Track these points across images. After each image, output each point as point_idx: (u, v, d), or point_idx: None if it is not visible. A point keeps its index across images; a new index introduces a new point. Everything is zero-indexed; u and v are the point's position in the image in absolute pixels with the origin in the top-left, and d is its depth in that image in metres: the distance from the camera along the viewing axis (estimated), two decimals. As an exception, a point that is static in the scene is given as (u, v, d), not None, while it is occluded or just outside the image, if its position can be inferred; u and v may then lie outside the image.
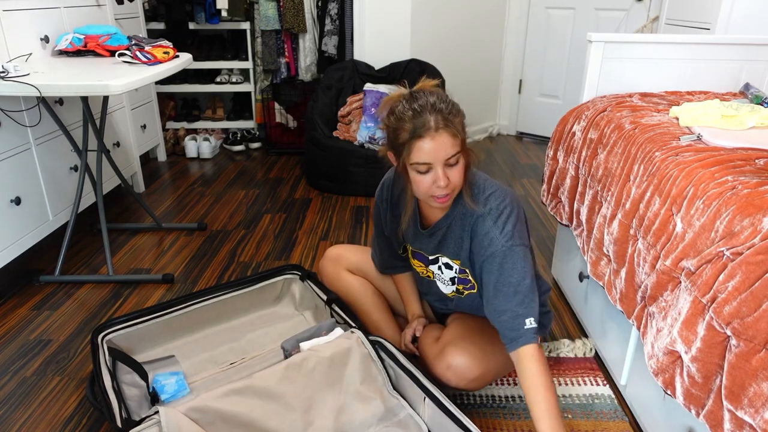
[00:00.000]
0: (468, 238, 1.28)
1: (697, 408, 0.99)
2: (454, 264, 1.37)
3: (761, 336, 0.86)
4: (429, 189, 1.19)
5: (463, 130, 1.18)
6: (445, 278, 1.42)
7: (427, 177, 1.17)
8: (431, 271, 1.45)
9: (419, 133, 1.13)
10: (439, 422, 1.25)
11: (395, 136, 1.18)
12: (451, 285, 1.41)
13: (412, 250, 1.47)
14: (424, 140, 1.13)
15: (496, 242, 1.22)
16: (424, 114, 1.14)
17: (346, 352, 1.40)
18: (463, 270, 1.36)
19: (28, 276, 2.10)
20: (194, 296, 1.70)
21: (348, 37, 3.47)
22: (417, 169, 1.17)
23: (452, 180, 1.18)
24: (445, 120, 1.14)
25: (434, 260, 1.41)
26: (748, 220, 0.95)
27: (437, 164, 1.15)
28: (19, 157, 1.98)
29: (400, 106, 1.17)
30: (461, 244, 1.31)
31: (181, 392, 1.44)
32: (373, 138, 2.93)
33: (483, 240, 1.24)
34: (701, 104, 1.52)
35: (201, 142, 3.61)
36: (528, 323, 1.18)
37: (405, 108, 1.16)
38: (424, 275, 1.48)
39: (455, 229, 1.32)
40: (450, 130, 1.14)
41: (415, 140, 1.14)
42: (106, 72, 1.84)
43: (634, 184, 1.34)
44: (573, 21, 3.63)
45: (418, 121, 1.14)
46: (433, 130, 1.13)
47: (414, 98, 1.17)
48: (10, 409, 1.47)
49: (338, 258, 1.67)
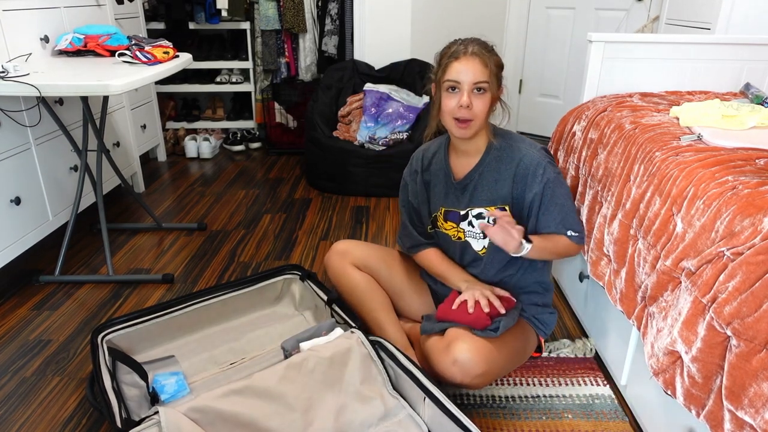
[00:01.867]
0: (510, 177, 1.43)
1: (698, 408, 0.99)
2: (487, 212, 1.47)
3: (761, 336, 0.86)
4: (453, 110, 1.34)
5: (498, 69, 1.36)
6: (477, 231, 1.50)
7: (454, 97, 1.34)
8: (462, 231, 1.51)
9: (456, 54, 1.33)
10: (439, 422, 1.25)
11: (438, 65, 1.37)
12: (483, 239, 1.49)
13: (444, 210, 1.52)
14: (459, 60, 1.32)
15: (548, 171, 1.40)
16: (465, 43, 1.35)
17: (346, 352, 1.40)
18: (502, 209, 1.46)
19: (28, 276, 2.10)
20: (194, 296, 1.70)
21: (348, 37, 3.47)
22: (447, 85, 1.33)
23: (475, 107, 1.33)
24: (481, 50, 1.33)
25: (465, 215, 1.49)
26: (748, 220, 0.95)
27: (465, 85, 1.31)
28: (19, 157, 1.98)
29: (448, 44, 1.38)
30: (499, 187, 1.44)
31: (181, 392, 1.44)
32: (373, 138, 2.93)
33: (536, 170, 1.40)
34: (701, 104, 1.52)
35: (201, 142, 3.61)
36: (569, 233, 1.43)
37: (450, 44, 1.38)
38: (455, 238, 1.53)
39: (488, 176, 1.45)
40: (483, 59, 1.32)
41: (451, 60, 1.33)
42: (106, 72, 1.84)
43: (634, 184, 1.34)
44: (573, 21, 3.63)
45: (458, 46, 1.34)
46: (469, 54, 1.32)
47: (461, 40, 1.37)
48: (10, 409, 1.47)
49: (345, 252, 1.68)
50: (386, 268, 1.66)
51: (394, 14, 3.30)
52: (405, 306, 1.69)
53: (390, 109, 3.00)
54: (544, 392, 1.51)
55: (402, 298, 1.68)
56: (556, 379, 1.56)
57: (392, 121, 2.97)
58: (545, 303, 1.57)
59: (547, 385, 1.54)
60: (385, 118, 2.98)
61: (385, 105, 3.02)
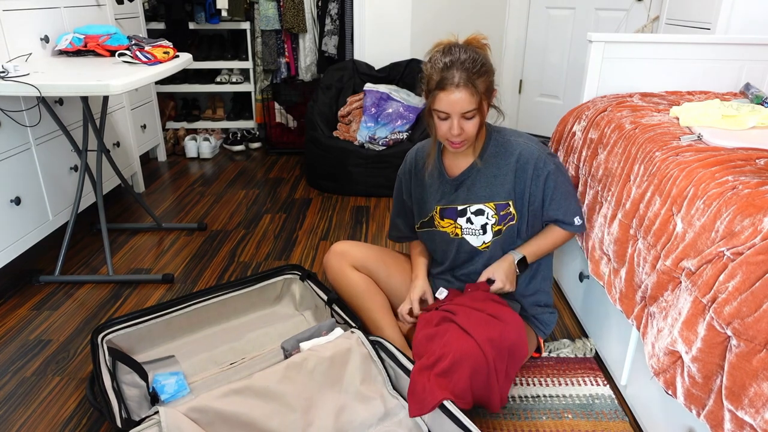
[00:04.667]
0: (511, 172, 1.44)
1: (698, 408, 0.99)
2: (487, 208, 1.47)
3: (762, 336, 0.86)
4: (445, 134, 1.37)
5: (487, 89, 1.34)
6: (476, 228, 1.50)
7: (445, 123, 1.35)
8: (459, 227, 1.51)
9: (442, 85, 1.30)
10: (439, 422, 1.25)
11: (427, 82, 1.36)
12: (482, 234, 1.50)
13: (440, 208, 1.53)
14: (446, 93, 1.30)
15: (548, 163, 1.43)
16: (451, 69, 1.30)
17: (346, 352, 1.40)
18: (504, 205, 1.46)
19: (28, 276, 2.10)
20: (194, 296, 1.70)
21: (348, 37, 3.47)
22: (437, 115, 1.35)
23: (466, 130, 1.34)
24: (468, 79, 1.29)
25: (463, 211, 1.50)
26: (748, 220, 0.95)
27: (454, 115, 1.32)
28: (19, 157, 1.98)
29: (436, 56, 1.35)
30: (498, 182, 1.45)
31: (181, 392, 1.44)
32: (373, 138, 2.93)
33: (537, 163, 1.42)
34: (702, 104, 1.52)
35: (201, 142, 3.61)
36: (575, 221, 1.48)
37: (438, 59, 1.33)
38: (453, 235, 1.53)
39: (485, 172, 1.46)
40: (469, 89, 1.29)
41: (438, 91, 1.31)
42: (106, 72, 1.84)
43: (634, 184, 1.34)
44: (573, 21, 3.63)
45: (445, 74, 1.30)
46: (455, 86, 1.29)
47: (449, 52, 1.33)
48: (10, 409, 1.46)
49: (344, 253, 1.67)
50: (385, 269, 1.66)
51: (394, 14, 3.30)
52: None
53: (390, 109, 3.00)
54: (544, 392, 1.51)
55: (400, 298, 1.68)
56: (556, 379, 1.56)
57: (392, 121, 2.97)
58: (546, 303, 1.57)
59: (547, 385, 1.54)
60: (385, 118, 2.98)
61: (385, 105, 3.02)
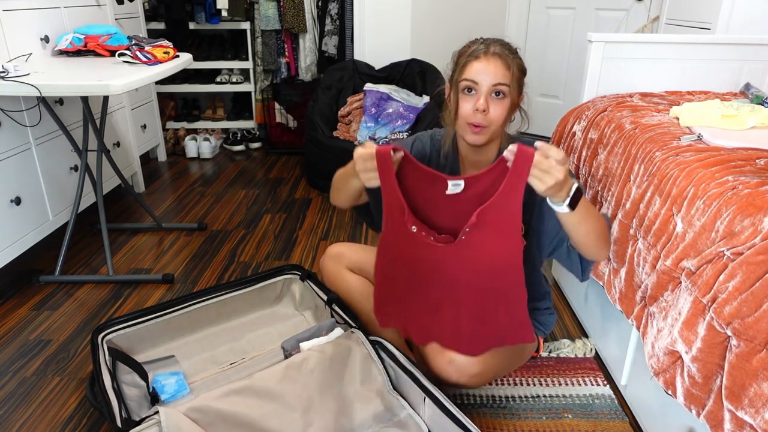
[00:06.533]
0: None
1: (698, 408, 0.99)
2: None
3: (761, 336, 0.86)
4: (468, 114, 1.23)
5: (520, 80, 1.26)
6: None
7: (470, 100, 1.23)
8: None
9: (476, 53, 1.22)
10: (439, 422, 1.25)
11: (455, 64, 1.27)
12: None
13: None
14: (479, 60, 1.21)
15: None
16: (487, 42, 1.24)
17: (346, 352, 1.40)
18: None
19: (28, 276, 2.10)
20: (194, 296, 1.70)
21: (348, 37, 3.47)
22: (464, 85, 1.23)
23: (492, 112, 1.22)
24: (504, 51, 1.22)
25: None
26: (748, 220, 0.95)
27: (483, 87, 1.21)
28: (19, 157, 1.98)
29: (470, 41, 1.28)
30: None
31: (181, 392, 1.44)
32: (373, 138, 2.93)
33: None
34: (702, 104, 1.52)
35: (201, 142, 3.61)
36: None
37: (473, 41, 1.28)
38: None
39: None
40: (505, 61, 1.21)
41: (470, 59, 1.22)
42: (106, 72, 1.84)
43: (634, 184, 1.34)
44: (573, 21, 3.63)
45: (479, 45, 1.24)
46: (490, 54, 1.21)
47: (484, 38, 1.27)
48: (10, 409, 1.47)
49: (339, 256, 1.66)
50: None
51: (394, 14, 3.30)
52: None
53: (390, 109, 3.00)
54: (544, 392, 1.51)
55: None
56: (556, 379, 1.56)
57: (392, 121, 2.97)
58: (546, 306, 1.57)
59: (547, 385, 1.54)
60: (385, 118, 2.98)
61: (385, 105, 3.02)
